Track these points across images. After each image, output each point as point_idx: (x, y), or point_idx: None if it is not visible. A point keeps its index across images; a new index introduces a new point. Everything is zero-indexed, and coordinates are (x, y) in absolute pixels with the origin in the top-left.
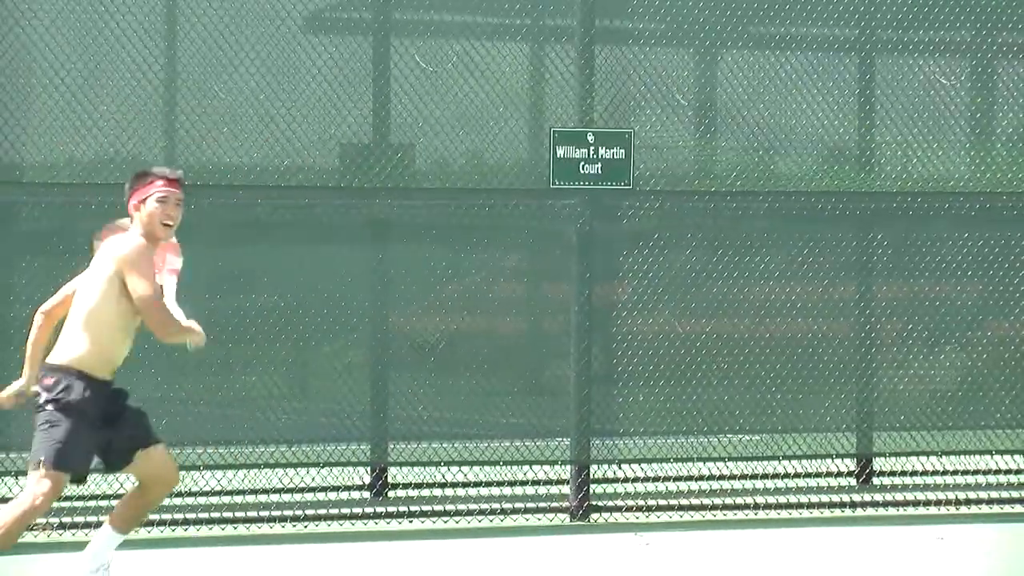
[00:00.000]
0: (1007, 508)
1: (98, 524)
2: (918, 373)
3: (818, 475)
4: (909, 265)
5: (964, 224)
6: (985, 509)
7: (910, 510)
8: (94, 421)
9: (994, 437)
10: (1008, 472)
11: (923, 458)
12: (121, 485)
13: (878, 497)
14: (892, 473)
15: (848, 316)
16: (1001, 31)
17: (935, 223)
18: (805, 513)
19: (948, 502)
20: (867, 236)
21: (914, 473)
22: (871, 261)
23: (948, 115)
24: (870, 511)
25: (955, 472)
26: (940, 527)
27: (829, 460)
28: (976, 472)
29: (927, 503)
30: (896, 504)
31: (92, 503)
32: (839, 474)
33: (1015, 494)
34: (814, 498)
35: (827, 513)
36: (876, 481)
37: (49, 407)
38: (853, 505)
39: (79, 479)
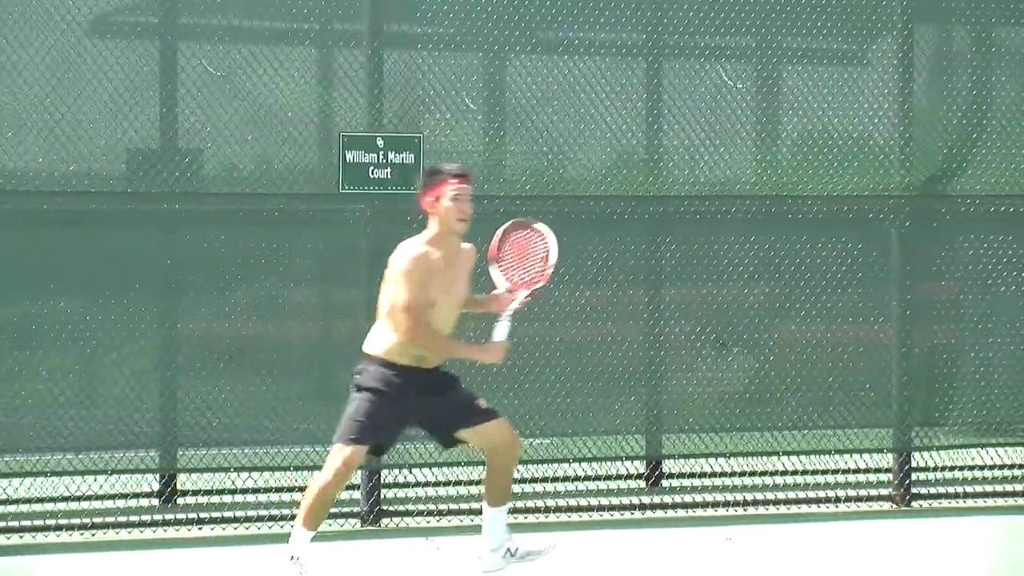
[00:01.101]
0: (793, 508)
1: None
2: (706, 376)
3: (608, 478)
4: (697, 268)
5: (751, 227)
6: (772, 510)
7: (699, 511)
8: (393, 401)
9: (780, 438)
10: (795, 473)
11: (711, 460)
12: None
13: (667, 499)
14: (681, 475)
15: (637, 319)
16: (786, 36)
17: (723, 226)
18: (595, 516)
19: (736, 503)
20: (656, 240)
21: (702, 475)
22: (660, 265)
23: (735, 119)
24: (659, 513)
25: (743, 473)
26: (728, 528)
27: (619, 462)
28: (763, 473)
29: (715, 504)
30: (685, 506)
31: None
32: (629, 476)
33: (801, 494)
34: (604, 500)
35: (617, 515)
36: (665, 483)
37: (352, 389)
38: (643, 507)
39: (377, 452)
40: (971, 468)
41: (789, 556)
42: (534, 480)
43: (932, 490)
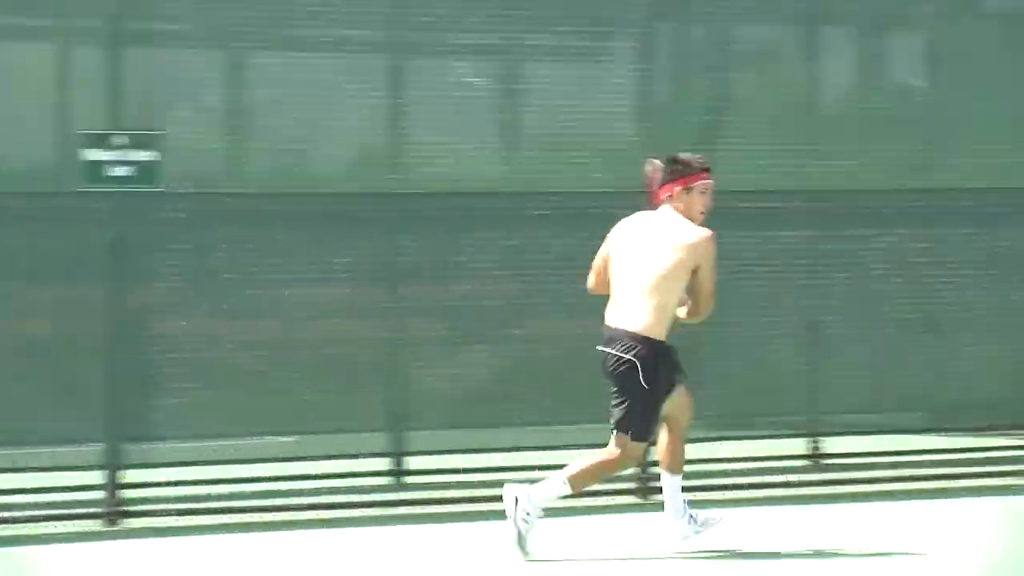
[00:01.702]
0: None
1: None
2: (449, 372)
3: (353, 475)
4: (440, 265)
5: (494, 224)
6: None
7: (443, 507)
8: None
9: (524, 434)
10: (536, 468)
11: (455, 456)
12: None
13: (412, 495)
14: (425, 471)
15: (380, 317)
16: (528, 34)
17: (465, 223)
18: (341, 513)
19: (480, 499)
20: (399, 237)
21: (446, 471)
22: (402, 262)
23: (477, 116)
24: (404, 509)
25: (485, 469)
26: (471, 524)
27: (363, 459)
28: (506, 469)
29: (460, 500)
30: (429, 502)
31: None
32: (374, 473)
33: None
34: (350, 498)
35: (363, 512)
36: (410, 480)
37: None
38: (388, 504)
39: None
40: (709, 461)
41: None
42: (279, 479)
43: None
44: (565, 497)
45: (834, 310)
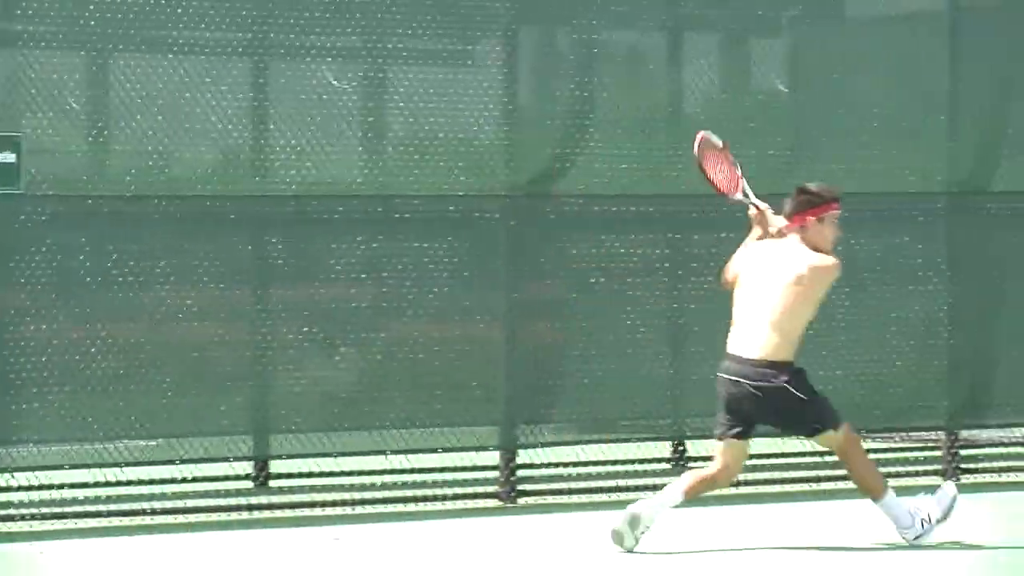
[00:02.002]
0: (401, 507)
1: None
2: (314, 375)
3: (216, 479)
4: (305, 268)
5: (358, 227)
6: (380, 508)
7: (307, 511)
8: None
9: (388, 437)
10: (403, 472)
11: (319, 459)
12: None
13: (276, 499)
14: (289, 475)
15: (244, 320)
16: (391, 37)
17: (330, 226)
18: (203, 517)
19: (344, 502)
20: (262, 239)
21: (311, 475)
22: (266, 264)
23: (341, 119)
24: (267, 513)
25: (351, 473)
26: (336, 527)
27: (226, 463)
28: (371, 472)
29: (324, 504)
30: (293, 506)
31: None
32: (237, 477)
33: (409, 493)
34: (212, 502)
35: (225, 516)
36: (273, 483)
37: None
38: (251, 508)
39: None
40: (575, 464)
41: (397, 554)
42: (142, 483)
43: (538, 487)
44: None
45: (697, 313)
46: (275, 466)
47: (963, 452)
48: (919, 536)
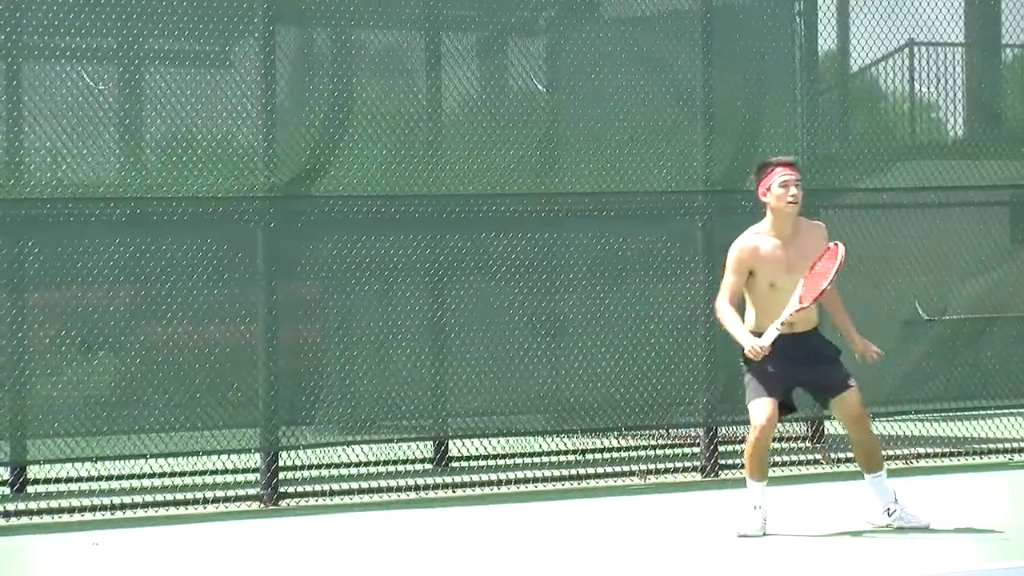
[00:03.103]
0: (162, 511)
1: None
2: (72, 379)
3: None
4: (61, 271)
5: (116, 229)
6: (141, 513)
7: (65, 516)
8: (770, 363)
9: (148, 441)
10: (163, 475)
11: (78, 464)
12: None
13: (33, 505)
14: (47, 480)
15: (0, 324)
16: (148, 38)
17: (87, 229)
18: None
19: (103, 507)
20: (19, 243)
21: (69, 480)
22: (23, 268)
23: (98, 121)
24: (25, 519)
25: (110, 477)
26: (96, 532)
27: None
28: (131, 476)
29: (82, 509)
30: (52, 511)
31: None
32: None
33: (169, 496)
34: None
35: None
36: (31, 489)
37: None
38: (8, 515)
39: (788, 409)
40: (337, 466)
41: (158, 558)
42: None
43: (300, 488)
44: None
45: (457, 313)
46: (33, 471)
47: (721, 448)
48: (899, 516)
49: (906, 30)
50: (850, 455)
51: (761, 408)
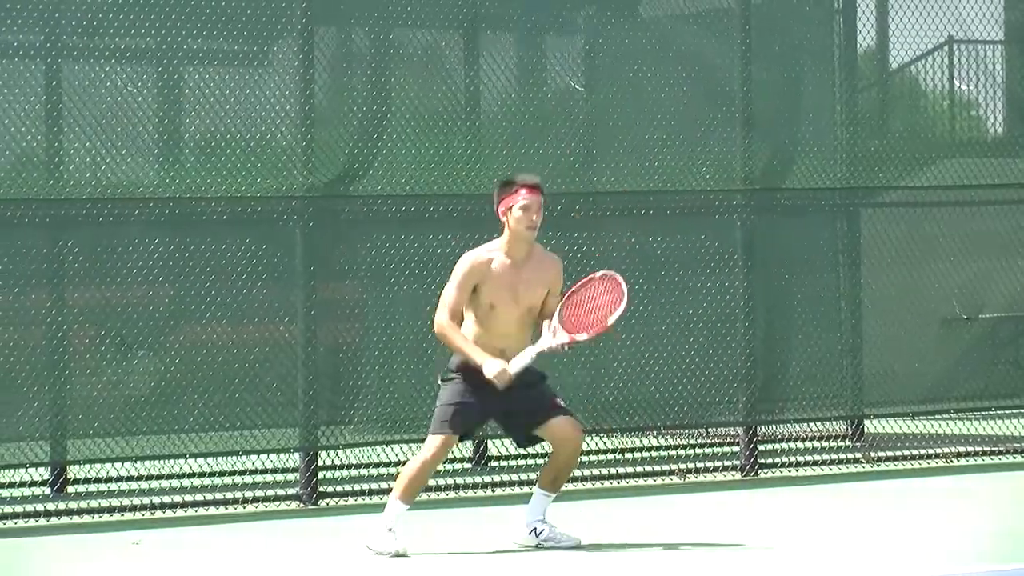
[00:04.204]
0: (201, 511)
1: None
2: (112, 379)
3: (12, 485)
4: (101, 271)
5: (155, 229)
6: (180, 512)
7: (105, 516)
8: (473, 392)
9: (188, 440)
10: (202, 475)
11: (118, 464)
12: None
13: (73, 505)
14: (87, 480)
15: (40, 324)
16: (187, 38)
17: (126, 229)
18: (0, 524)
19: (144, 507)
20: (58, 243)
21: (109, 479)
22: (63, 268)
23: (137, 121)
24: (66, 519)
25: (150, 477)
26: (136, 532)
27: (23, 469)
28: (171, 476)
29: (123, 508)
30: (92, 511)
31: None
32: (34, 483)
33: (209, 496)
34: (9, 508)
35: (22, 523)
36: (71, 489)
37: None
38: (48, 514)
39: (464, 438)
40: (376, 465)
41: (198, 558)
42: None
43: (339, 488)
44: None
45: None
46: (73, 471)
47: (761, 447)
48: (548, 535)
49: (945, 27)
50: (892, 453)
51: (441, 444)
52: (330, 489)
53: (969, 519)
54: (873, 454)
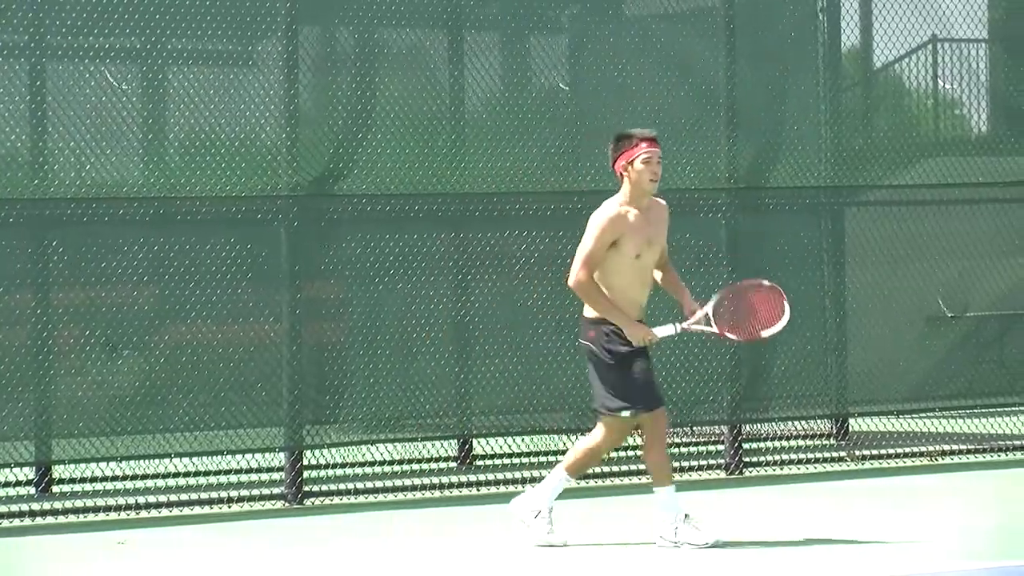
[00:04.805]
0: (187, 510)
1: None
2: (97, 379)
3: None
4: (86, 271)
5: (140, 229)
6: (166, 512)
7: (90, 516)
8: (632, 358)
9: (173, 440)
10: (187, 474)
11: (103, 464)
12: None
13: (58, 505)
14: (72, 480)
15: (25, 324)
16: (171, 37)
17: (111, 228)
18: None
19: (129, 507)
20: (43, 242)
21: (94, 479)
22: (47, 268)
23: (121, 121)
24: (50, 519)
25: (135, 476)
26: (121, 532)
27: (7, 470)
28: (156, 476)
29: (107, 508)
30: (77, 511)
31: None
32: (19, 483)
33: (194, 495)
34: None
35: (7, 523)
36: (56, 489)
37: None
38: (33, 514)
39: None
40: (361, 464)
41: (183, 558)
42: None
43: (324, 487)
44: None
45: (481, 312)
46: (58, 471)
47: (745, 446)
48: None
49: (929, 26)
50: (876, 452)
51: (659, 415)
52: (315, 488)
53: (953, 517)
54: (857, 452)
